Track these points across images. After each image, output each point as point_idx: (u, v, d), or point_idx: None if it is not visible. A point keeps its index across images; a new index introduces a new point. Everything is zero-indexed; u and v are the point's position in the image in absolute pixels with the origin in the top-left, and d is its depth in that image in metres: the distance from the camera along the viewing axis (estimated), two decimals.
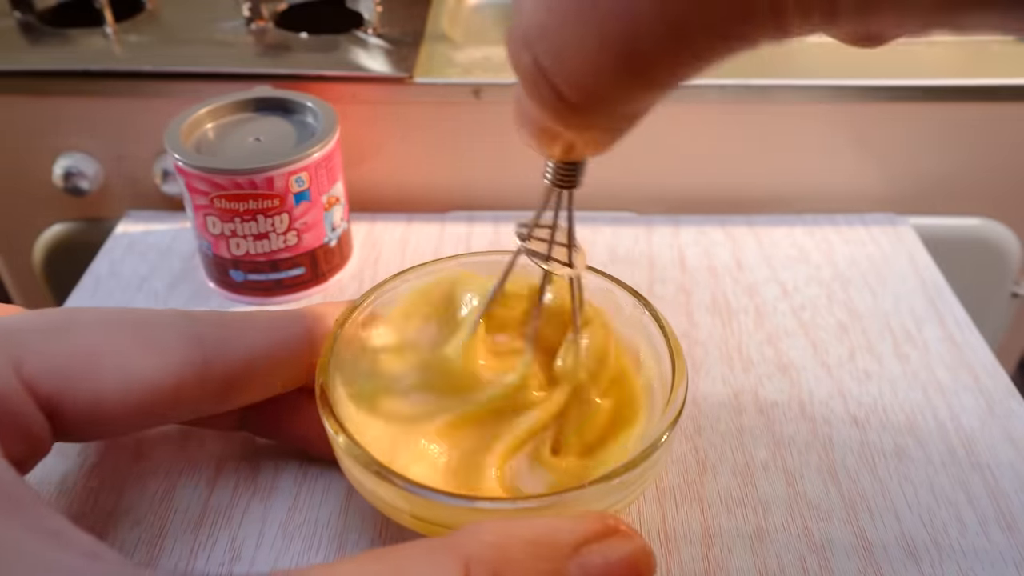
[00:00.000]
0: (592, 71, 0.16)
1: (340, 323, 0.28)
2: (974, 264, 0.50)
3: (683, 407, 0.26)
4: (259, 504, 0.30)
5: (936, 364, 0.37)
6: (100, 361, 0.24)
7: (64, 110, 0.45)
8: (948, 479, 0.31)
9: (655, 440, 0.25)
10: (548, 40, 0.17)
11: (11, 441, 0.22)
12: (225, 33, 0.48)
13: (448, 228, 0.46)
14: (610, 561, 0.21)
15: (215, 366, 0.26)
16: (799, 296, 0.41)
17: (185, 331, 0.25)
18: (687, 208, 0.48)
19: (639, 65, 0.16)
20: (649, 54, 0.16)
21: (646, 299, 0.29)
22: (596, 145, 0.21)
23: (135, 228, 0.46)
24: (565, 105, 0.17)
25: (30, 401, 0.23)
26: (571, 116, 0.18)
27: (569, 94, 0.17)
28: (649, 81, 0.16)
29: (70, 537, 0.19)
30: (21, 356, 0.23)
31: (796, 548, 0.28)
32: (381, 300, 0.30)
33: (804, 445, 0.32)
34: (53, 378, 0.23)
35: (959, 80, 0.44)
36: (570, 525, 0.21)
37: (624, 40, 0.16)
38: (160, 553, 0.28)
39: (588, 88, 0.17)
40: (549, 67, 0.17)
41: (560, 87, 0.17)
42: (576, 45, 0.16)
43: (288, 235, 0.39)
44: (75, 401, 0.23)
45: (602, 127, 0.19)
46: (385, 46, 0.46)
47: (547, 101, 0.18)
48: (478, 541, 0.20)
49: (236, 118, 0.41)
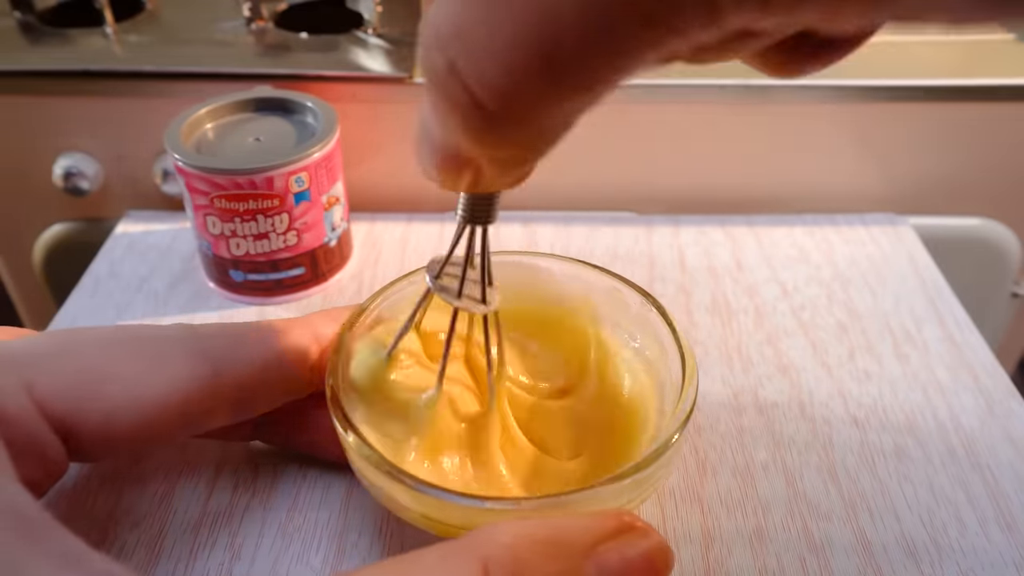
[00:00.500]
0: (511, 70, 0.15)
1: (348, 326, 0.28)
2: (974, 264, 0.50)
3: (694, 406, 0.26)
4: (259, 505, 0.30)
5: (936, 364, 0.37)
6: (109, 380, 0.24)
7: (64, 110, 0.45)
8: (948, 479, 0.31)
9: (666, 439, 0.24)
10: (463, 38, 0.15)
11: (27, 464, 0.22)
12: (225, 33, 0.48)
13: (448, 228, 0.46)
14: (627, 558, 0.21)
15: (223, 380, 0.26)
16: (799, 296, 0.41)
17: (192, 346, 0.26)
18: (687, 208, 0.48)
19: (560, 63, 0.14)
20: (571, 49, 0.14)
21: (654, 298, 0.29)
22: (507, 170, 0.19)
23: (135, 228, 0.46)
24: (480, 114, 0.15)
25: (44, 424, 0.23)
26: (486, 129, 0.16)
27: (485, 98, 0.15)
28: (572, 82, 0.15)
29: (86, 560, 0.19)
30: (32, 379, 0.23)
31: (796, 548, 0.28)
32: (388, 303, 0.30)
33: (804, 445, 0.32)
34: (64, 400, 0.23)
35: (959, 80, 0.44)
36: (586, 523, 0.21)
37: (544, 34, 0.14)
38: (160, 554, 0.28)
39: (506, 91, 0.15)
40: (463, 68, 0.15)
41: (475, 90, 0.15)
42: (493, 41, 0.14)
43: (288, 235, 0.39)
44: (87, 421, 0.23)
45: (519, 142, 0.17)
46: (385, 46, 0.46)
47: (460, 109, 0.16)
48: (495, 543, 0.20)
49: (236, 118, 0.41)
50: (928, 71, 0.45)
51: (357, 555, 0.28)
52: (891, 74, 0.44)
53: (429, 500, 0.23)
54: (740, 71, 0.44)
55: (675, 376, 0.27)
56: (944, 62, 0.46)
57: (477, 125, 0.16)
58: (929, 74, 0.44)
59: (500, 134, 0.16)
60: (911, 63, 0.45)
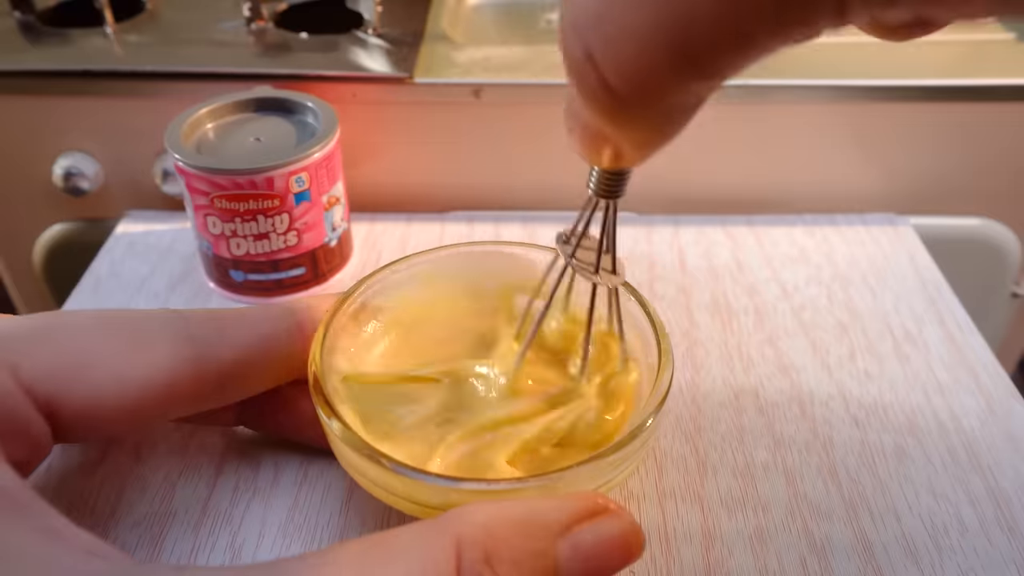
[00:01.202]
0: (644, 59, 0.16)
1: (332, 312, 0.28)
2: (974, 264, 0.51)
3: (668, 390, 0.26)
4: (259, 504, 0.30)
5: (936, 364, 0.37)
6: (94, 362, 0.24)
7: (64, 110, 0.45)
8: (948, 479, 0.31)
9: (640, 423, 0.25)
10: (600, 28, 0.16)
11: (12, 444, 0.22)
12: (225, 33, 0.48)
13: (448, 228, 0.46)
14: (601, 539, 0.21)
15: (208, 363, 0.26)
16: (799, 296, 0.41)
17: (177, 329, 0.26)
18: (687, 208, 0.48)
19: (693, 53, 0.15)
20: (704, 40, 0.15)
21: (633, 288, 0.30)
22: (642, 147, 0.20)
23: (135, 228, 0.46)
24: (613, 99, 0.17)
25: (29, 404, 0.23)
26: (617, 112, 0.17)
27: (617, 85, 0.16)
28: (702, 70, 0.16)
29: (70, 535, 0.19)
30: (17, 361, 0.23)
31: (796, 548, 0.28)
32: (372, 291, 0.30)
33: (804, 445, 0.32)
34: (49, 380, 0.23)
35: (959, 80, 0.44)
36: (560, 504, 0.21)
37: (679, 25, 0.15)
38: (160, 553, 0.28)
39: (637, 79, 0.16)
40: (599, 57, 0.16)
41: (609, 78, 0.16)
42: (629, 31, 0.15)
43: (288, 235, 0.39)
44: (72, 402, 0.24)
45: (648, 126, 0.18)
46: (385, 46, 0.46)
47: (594, 94, 0.17)
48: (468, 522, 0.20)
49: (236, 118, 0.41)
50: (928, 71, 0.45)
51: None
52: (891, 74, 0.44)
53: (408, 481, 0.24)
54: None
55: (655, 364, 0.27)
56: (944, 62, 0.46)
57: (608, 108, 0.17)
58: (929, 74, 0.44)
59: (629, 116, 0.17)
60: (911, 63, 0.45)
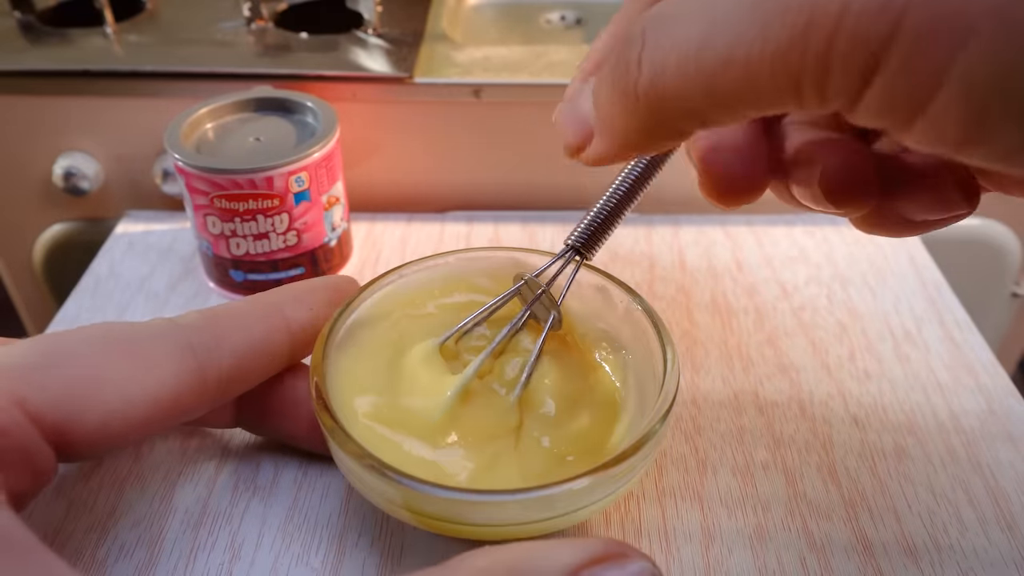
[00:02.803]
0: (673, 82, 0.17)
1: (332, 322, 0.29)
2: (974, 264, 0.50)
3: (675, 399, 0.26)
4: (259, 504, 0.30)
5: (936, 364, 0.37)
6: (101, 386, 0.24)
7: (64, 110, 0.45)
8: (948, 479, 0.31)
9: (647, 432, 0.25)
10: (662, 43, 0.17)
11: (17, 476, 0.22)
12: (225, 33, 0.48)
13: (448, 228, 0.46)
14: None
15: (209, 372, 0.26)
16: (799, 296, 0.41)
17: (177, 340, 0.26)
18: (687, 208, 0.48)
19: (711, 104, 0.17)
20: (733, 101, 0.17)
21: (638, 294, 0.30)
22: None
23: (135, 228, 0.46)
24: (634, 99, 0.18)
25: (37, 435, 0.23)
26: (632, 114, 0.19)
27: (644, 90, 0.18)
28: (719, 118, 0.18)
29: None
30: (24, 393, 0.23)
31: (796, 548, 0.28)
32: (371, 299, 0.31)
33: (804, 445, 0.32)
34: (57, 410, 0.23)
35: None
36: (569, 548, 0.20)
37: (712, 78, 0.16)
38: (160, 553, 0.28)
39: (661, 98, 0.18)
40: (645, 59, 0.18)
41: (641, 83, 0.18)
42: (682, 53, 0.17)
43: (288, 235, 0.39)
44: (80, 427, 0.24)
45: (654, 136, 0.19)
46: (385, 46, 0.46)
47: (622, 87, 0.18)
48: (472, 568, 0.19)
49: (236, 118, 0.41)
50: None
51: (357, 555, 0.28)
52: None
53: (410, 492, 0.24)
54: None
55: (659, 371, 0.27)
56: None
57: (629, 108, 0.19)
58: None
59: (641, 121, 0.19)
60: None
